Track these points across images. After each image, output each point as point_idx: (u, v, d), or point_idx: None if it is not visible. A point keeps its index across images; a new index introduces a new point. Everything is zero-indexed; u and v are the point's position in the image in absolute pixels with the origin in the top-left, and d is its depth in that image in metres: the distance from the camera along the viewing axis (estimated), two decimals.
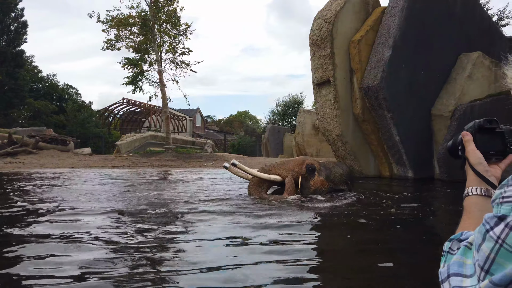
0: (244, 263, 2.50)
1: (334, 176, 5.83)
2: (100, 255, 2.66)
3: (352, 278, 2.34)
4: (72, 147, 21.12)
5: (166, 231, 3.44)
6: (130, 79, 21.39)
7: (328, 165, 6.01)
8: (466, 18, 9.02)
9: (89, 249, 2.82)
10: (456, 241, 0.78)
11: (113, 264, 2.48)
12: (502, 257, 0.57)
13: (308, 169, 5.63)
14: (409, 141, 8.46)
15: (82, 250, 2.80)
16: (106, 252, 2.77)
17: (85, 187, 7.03)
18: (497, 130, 0.96)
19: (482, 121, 0.97)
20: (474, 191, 0.90)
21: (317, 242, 3.19)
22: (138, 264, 2.51)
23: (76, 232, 3.36)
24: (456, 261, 0.70)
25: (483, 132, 0.97)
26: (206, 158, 19.12)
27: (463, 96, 8.25)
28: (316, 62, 9.25)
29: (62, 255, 2.66)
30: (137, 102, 32.27)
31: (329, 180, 5.76)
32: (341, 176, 5.92)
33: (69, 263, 2.49)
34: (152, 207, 4.65)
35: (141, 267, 2.45)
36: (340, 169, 6.01)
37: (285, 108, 39.48)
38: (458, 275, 0.68)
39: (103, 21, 20.57)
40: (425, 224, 4.14)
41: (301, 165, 5.66)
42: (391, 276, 2.37)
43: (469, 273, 0.66)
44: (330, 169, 5.89)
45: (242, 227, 3.58)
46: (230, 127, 48.51)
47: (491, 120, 0.96)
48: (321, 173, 5.71)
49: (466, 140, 0.95)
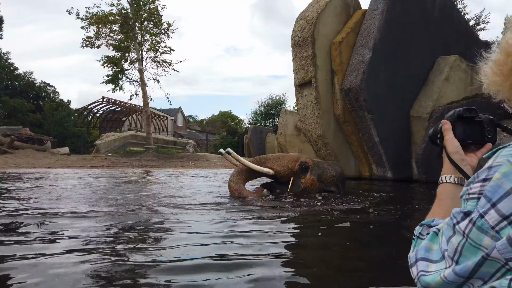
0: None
1: (326, 177, 5.86)
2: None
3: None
4: (49, 147, 20.60)
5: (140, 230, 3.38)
6: (110, 78, 21.06)
7: (322, 165, 6.02)
8: (443, 22, 9.23)
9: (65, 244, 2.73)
10: (426, 226, 0.80)
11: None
12: (467, 250, 0.60)
13: (301, 167, 5.67)
14: (389, 142, 8.60)
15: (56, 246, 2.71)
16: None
17: (57, 188, 6.85)
18: (476, 119, 0.97)
19: (461, 110, 0.97)
20: (448, 179, 0.91)
21: (288, 240, 3.18)
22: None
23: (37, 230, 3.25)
24: (423, 246, 0.73)
25: (463, 121, 0.97)
26: (188, 158, 18.96)
27: (440, 98, 8.44)
28: (298, 63, 9.29)
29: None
30: (117, 101, 31.74)
31: (320, 180, 5.79)
32: (333, 178, 5.94)
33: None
34: (124, 208, 4.56)
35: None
36: (333, 171, 6.02)
37: (268, 108, 39.59)
38: (424, 260, 0.70)
39: (82, 18, 20.19)
40: (402, 223, 4.20)
41: (295, 162, 5.69)
42: (356, 270, 2.38)
43: (435, 259, 0.69)
44: (323, 169, 5.90)
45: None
46: (212, 127, 48.29)
47: (471, 109, 0.96)
48: (314, 172, 5.75)
49: (445, 128, 0.96)
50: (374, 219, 4.15)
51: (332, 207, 4.74)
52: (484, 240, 0.58)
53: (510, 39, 0.73)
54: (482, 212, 0.60)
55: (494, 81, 0.77)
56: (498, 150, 0.67)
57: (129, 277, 2.19)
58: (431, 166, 8.02)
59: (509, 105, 0.79)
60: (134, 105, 31.59)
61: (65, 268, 2.29)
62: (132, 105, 31.44)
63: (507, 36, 0.74)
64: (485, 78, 0.80)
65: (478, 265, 0.58)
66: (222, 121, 47.73)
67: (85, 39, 20.39)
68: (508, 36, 0.74)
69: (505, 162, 0.61)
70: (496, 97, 0.80)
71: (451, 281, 0.62)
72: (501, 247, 0.56)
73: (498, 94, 0.78)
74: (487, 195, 0.60)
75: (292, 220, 3.97)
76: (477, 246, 0.59)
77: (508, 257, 0.55)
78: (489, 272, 0.58)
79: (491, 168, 0.63)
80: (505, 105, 0.81)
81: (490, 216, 0.58)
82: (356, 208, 4.81)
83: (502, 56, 0.75)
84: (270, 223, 3.74)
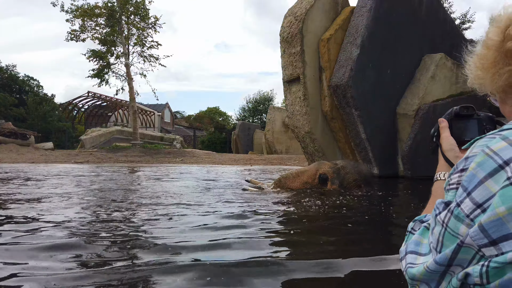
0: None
1: (348, 182, 5.81)
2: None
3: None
4: (32, 142, 20.22)
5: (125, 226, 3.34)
6: (95, 72, 20.71)
7: (343, 170, 5.93)
8: (430, 21, 9.33)
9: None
10: (418, 222, 0.82)
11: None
12: (447, 239, 0.62)
13: (321, 179, 5.67)
14: (375, 139, 8.67)
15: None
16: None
17: (38, 183, 6.72)
18: (474, 117, 0.96)
19: (458, 108, 0.97)
20: (442, 176, 0.93)
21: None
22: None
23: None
24: (414, 240, 0.75)
25: (460, 119, 0.97)
26: (175, 154, 18.82)
27: (426, 96, 8.54)
28: (287, 59, 9.28)
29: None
30: (103, 96, 31.29)
31: (342, 187, 5.76)
32: (356, 181, 5.87)
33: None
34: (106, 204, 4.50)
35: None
36: (354, 175, 5.94)
37: (256, 105, 39.57)
38: (413, 253, 0.72)
39: (67, 11, 19.76)
40: (389, 219, 4.25)
41: (314, 175, 5.71)
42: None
43: (423, 252, 0.71)
44: (343, 175, 5.84)
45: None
46: (200, 123, 47.98)
47: (468, 107, 0.96)
48: (334, 181, 5.72)
49: (442, 126, 0.97)
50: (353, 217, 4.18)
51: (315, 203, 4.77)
52: (461, 228, 0.60)
53: (490, 33, 0.75)
54: (459, 201, 0.62)
55: (476, 75, 0.79)
56: (476, 141, 0.68)
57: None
58: (416, 162, 8.14)
59: (494, 98, 0.80)
60: (121, 100, 31.19)
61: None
62: (118, 100, 31.04)
63: (489, 30, 0.76)
64: (470, 72, 0.81)
65: (455, 252, 0.60)
66: (209, 117, 47.51)
67: (70, 32, 19.99)
68: (489, 30, 0.76)
69: (480, 152, 0.63)
70: (481, 91, 0.81)
71: (433, 270, 0.63)
72: (473, 234, 0.57)
73: (482, 88, 0.80)
74: (463, 185, 0.62)
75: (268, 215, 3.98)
76: (455, 234, 0.61)
77: (481, 244, 0.57)
78: (466, 259, 0.59)
79: (467, 159, 0.65)
80: (491, 99, 0.82)
81: (465, 204, 0.60)
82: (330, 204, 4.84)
83: (483, 49, 0.77)
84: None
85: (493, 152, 0.60)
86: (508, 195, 0.55)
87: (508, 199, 0.55)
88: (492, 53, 0.74)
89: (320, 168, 5.81)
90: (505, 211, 0.55)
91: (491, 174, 0.59)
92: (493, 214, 0.55)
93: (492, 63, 0.74)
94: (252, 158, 17.99)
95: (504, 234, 0.55)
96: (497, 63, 0.73)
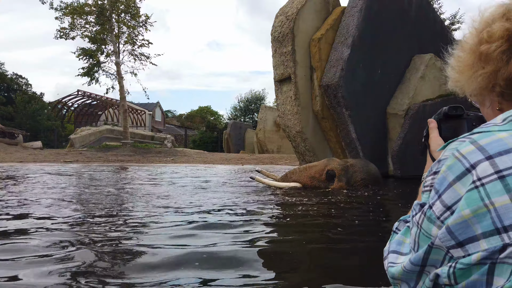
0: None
1: (355, 181, 5.79)
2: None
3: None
4: (21, 140, 19.96)
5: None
6: (85, 71, 20.49)
7: (352, 169, 5.91)
8: (420, 21, 9.41)
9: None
10: (403, 221, 0.83)
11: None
12: (422, 240, 0.64)
13: (328, 175, 5.67)
14: (366, 138, 8.72)
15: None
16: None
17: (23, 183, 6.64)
18: (463, 117, 0.96)
19: (447, 109, 0.97)
20: None
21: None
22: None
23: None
24: (396, 240, 0.76)
25: (449, 119, 0.97)
26: (166, 153, 18.72)
27: (416, 96, 8.62)
28: (278, 59, 9.28)
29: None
30: (93, 94, 30.98)
31: (349, 185, 5.74)
32: (363, 180, 5.85)
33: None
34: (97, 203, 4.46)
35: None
36: (362, 174, 5.90)
37: (247, 104, 39.53)
38: (395, 253, 0.73)
39: (56, 8, 19.52)
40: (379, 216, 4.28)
41: (322, 171, 5.71)
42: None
43: (405, 252, 0.72)
44: (352, 173, 5.82)
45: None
46: (191, 122, 47.80)
47: (457, 107, 0.96)
48: (341, 178, 5.71)
49: (431, 127, 0.97)
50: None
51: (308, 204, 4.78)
52: (433, 229, 0.62)
53: (467, 36, 0.77)
54: (431, 203, 0.63)
55: (454, 77, 0.80)
56: (449, 143, 0.69)
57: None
58: (406, 162, 8.20)
59: (473, 100, 0.81)
60: (111, 99, 30.91)
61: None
62: (108, 99, 30.75)
63: (465, 33, 0.78)
64: (449, 74, 0.83)
65: (427, 253, 0.62)
66: (201, 116, 47.35)
67: (59, 30, 19.75)
68: (466, 33, 0.77)
69: (450, 155, 0.64)
70: (461, 93, 0.82)
71: (409, 270, 0.65)
72: (441, 235, 0.59)
73: (461, 90, 0.81)
74: (435, 187, 0.64)
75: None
76: (428, 235, 0.62)
77: (448, 245, 0.58)
78: (438, 259, 0.61)
79: (440, 161, 0.66)
80: (472, 101, 0.83)
81: (436, 206, 0.62)
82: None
83: (460, 52, 0.78)
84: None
85: (461, 156, 0.62)
86: (473, 198, 0.57)
87: (473, 202, 0.56)
88: (469, 56, 0.75)
89: (329, 164, 5.82)
90: (470, 214, 0.56)
91: (459, 177, 0.60)
92: (459, 217, 0.57)
93: (468, 66, 0.75)
94: (244, 157, 17.98)
95: (470, 236, 0.56)
96: (473, 66, 0.73)
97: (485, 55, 0.70)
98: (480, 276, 0.55)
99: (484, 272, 0.54)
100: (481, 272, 0.54)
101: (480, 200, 0.56)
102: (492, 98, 0.74)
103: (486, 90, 0.73)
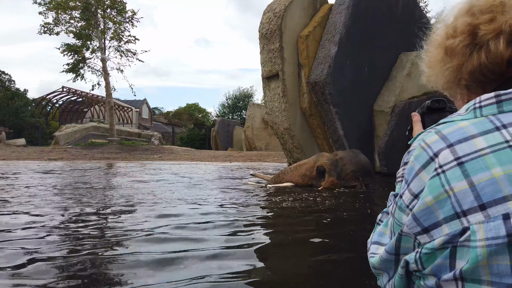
0: None
1: (346, 174, 5.78)
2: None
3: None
4: (3, 138, 19.54)
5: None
6: (70, 67, 20.12)
7: (341, 162, 5.87)
8: (406, 19, 9.49)
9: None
10: (385, 213, 0.84)
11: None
12: (395, 229, 0.65)
13: (318, 171, 5.68)
14: (353, 135, 8.78)
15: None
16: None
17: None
18: (446, 109, 0.97)
19: (430, 102, 0.98)
20: None
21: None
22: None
23: None
24: (378, 231, 0.77)
25: (432, 112, 0.98)
26: (153, 150, 18.56)
27: (402, 93, 8.70)
28: (266, 56, 9.26)
29: None
30: (78, 91, 30.48)
31: (340, 178, 5.73)
32: (353, 172, 5.82)
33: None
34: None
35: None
36: (352, 166, 5.87)
37: (235, 101, 39.43)
38: (377, 243, 0.75)
39: (40, 3, 19.10)
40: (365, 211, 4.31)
41: (313, 168, 5.71)
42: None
43: (385, 242, 0.72)
44: (341, 166, 5.81)
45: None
46: (179, 120, 47.42)
47: (439, 101, 0.97)
48: (331, 173, 5.71)
49: (414, 120, 0.98)
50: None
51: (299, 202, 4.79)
52: (403, 218, 0.63)
53: (436, 31, 0.78)
54: (401, 193, 0.65)
55: (426, 72, 0.82)
56: (418, 135, 0.70)
57: None
58: (392, 158, 8.29)
59: (446, 93, 0.82)
60: (97, 95, 30.47)
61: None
62: (94, 95, 30.31)
63: (435, 28, 0.79)
64: (422, 69, 0.83)
65: (398, 241, 0.64)
66: (189, 113, 47.04)
67: (43, 25, 19.33)
68: (435, 28, 0.78)
69: (417, 146, 0.66)
70: (434, 88, 0.83)
71: (385, 259, 0.66)
72: (408, 222, 0.61)
73: (433, 85, 0.82)
74: (405, 177, 0.66)
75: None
76: (400, 224, 0.64)
77: (415, 231, 0.60)
78: (409, 247, 0.62)
79: (409, 152, 0.69)
80: (447, 94, 0.83)
81: (405, 195, 0.64)
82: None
83: (430, 47, 0.80)
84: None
85: (427, 145, 0.64)
86: (435, 185, 0.59)
87: (435, 189, 0.58)
88: (438, 51, 0.76)
89: (318, 160, 5.84)
90: (432, 200, 0.58)
91: (424, 166, 0.62)
92: (423, 204, 0.59)
93: (437, 60, 0.76)
94: (232, 154, 17.93)
95: (434, 222, 0.58)
96: (441, 61, 0.75)
97: (450, 50, 0.72)
98: (444, 260, 0.57)
99: (446, 255, 0.56)
100: (444, 256, 0.56)
101: (441, 186, 0.58)
102: (460, 91, 0.76)
103: (454, 83, 0.75)
